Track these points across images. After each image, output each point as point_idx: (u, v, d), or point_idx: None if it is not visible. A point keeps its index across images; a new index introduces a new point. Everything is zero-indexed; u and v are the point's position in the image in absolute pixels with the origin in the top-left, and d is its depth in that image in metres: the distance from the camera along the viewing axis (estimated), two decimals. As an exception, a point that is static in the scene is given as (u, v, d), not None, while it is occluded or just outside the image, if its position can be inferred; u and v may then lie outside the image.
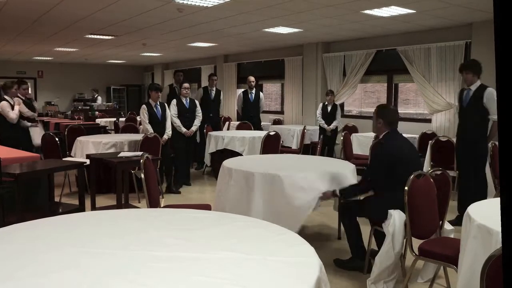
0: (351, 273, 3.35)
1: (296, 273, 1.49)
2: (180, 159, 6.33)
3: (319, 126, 7.77)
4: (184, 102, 6.39)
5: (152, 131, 5.81)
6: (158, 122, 5.96)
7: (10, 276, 1.42)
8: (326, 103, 7.79)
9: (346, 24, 6.96)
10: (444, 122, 7.22)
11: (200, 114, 6.55)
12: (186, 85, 6.42)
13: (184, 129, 6.27)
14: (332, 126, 7.63)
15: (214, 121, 7.94)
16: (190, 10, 6.02)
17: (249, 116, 8.03)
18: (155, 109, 5.98)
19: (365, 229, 4.46)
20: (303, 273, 1.48)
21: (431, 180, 2.84)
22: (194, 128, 6.40)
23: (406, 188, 2.69)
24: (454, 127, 7.05)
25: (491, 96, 4.34)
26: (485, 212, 2.22)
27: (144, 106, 5.99)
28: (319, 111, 7.83)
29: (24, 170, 3.52)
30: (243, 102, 8.02)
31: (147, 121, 5.90)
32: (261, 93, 8.21)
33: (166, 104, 6.22)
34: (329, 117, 7.68)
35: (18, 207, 3.32)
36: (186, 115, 6.34)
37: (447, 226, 2.71)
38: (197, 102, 6.65)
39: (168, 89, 7.65)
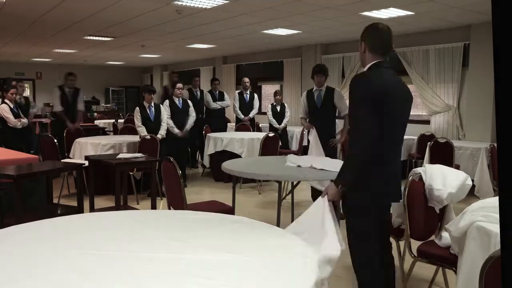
0: (350, 274, 3.35)
1: (295, 274, 1.49)
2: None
3: (270, 124, 7.97)
4: (177, 102, 6.41)
5: (146, 133, 5.84)
6: (151, 123, 6.01)
7: (8, 278, 1.42)
8: (275, 103, 7.97)
9: (345, 26, 6.97)
10: (443, 124, 7.23)
11: (194, 114, 6.58)
12: (179, 85, 6.47)
13: (176, 130, 6.29)
14: (283, 125, 7.87)
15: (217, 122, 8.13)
16: (188, 11, 6.02)
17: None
18: (148, 111, 6.03)
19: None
20: (302, 275, 1.48)
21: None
22: (188, 127, 6.44)
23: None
24: (453, 129, 7.08)
25: (340, 95, 5.11)
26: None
27: (137, 108, 6.06)
28: (269, 112, 8.01)
29: (23, 172, 3.51)
30: (239, 103, 8.12)
31: (140, 123, 5.97)
32: (255, 94, 8.32)
33: (161, 105, 6.25)
34: (279, 116, 7.88)
35: (16, 208, 3.31)
36: (179, 115, 6.38)
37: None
38: (190, 102, 6.67)
39: (162, 91, 7.76)
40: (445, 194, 2.63)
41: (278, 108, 7.93)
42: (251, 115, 8.16)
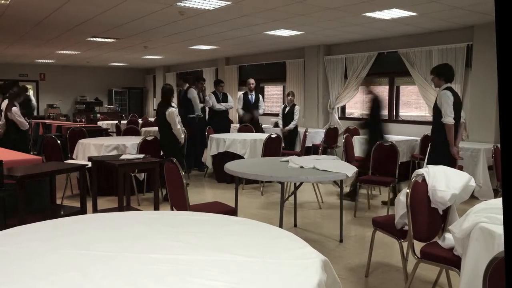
0: (352, 276, 3.34)
1: (297, 276, 1.49)
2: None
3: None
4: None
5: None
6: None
7: (11, 279, 1.42)
8: (286, 104, 8.00)
9: (348, 26, 6.96)
10: (446, 125, 7.21)
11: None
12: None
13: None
14: (289, 127, 7.87)
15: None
16: (191, 13, 6.04)
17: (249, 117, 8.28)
18: None
19: (362, 230, 4.46)
20: (304, 275, 1.48)
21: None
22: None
23: (408, 190, 2.69)
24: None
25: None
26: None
27: (175, 110, 5.75)
28: (280, 113, 8.07)
29: (26, 173, 3.52)
30: (243, 104, 8.16)
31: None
32: (260, 95, 8.39)
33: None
34: (287, 117, 7.91)
35: (19, 209, 3.32)
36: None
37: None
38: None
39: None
40: (449, 195, 2.63)
41: (287, 109, 7.96)
42: (260, 111, 8.22)
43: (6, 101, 6.38)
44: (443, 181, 2.67)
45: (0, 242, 1.80)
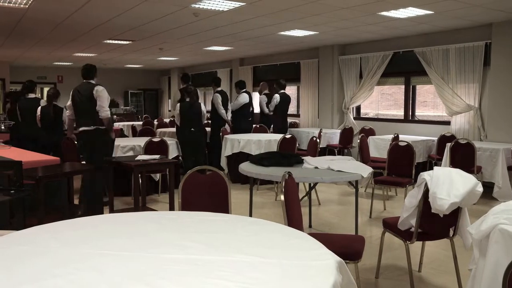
0: (363, 277, 3.31)
1: (312, 276, 1.48)
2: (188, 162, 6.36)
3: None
4: None
5: None
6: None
7: (29, 278, 1.45)
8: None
9: (362, 26, 6.91)
10: (464, 124, 7.10)
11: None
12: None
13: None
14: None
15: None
16: (206, 14, 6.07)
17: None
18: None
19: (378, 231, 4.41)
20: (319, 276, 1.47)
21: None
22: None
23: (419, 195, 2.67)
24: (474, 130, 6.94)
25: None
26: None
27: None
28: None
29: (45, 174, 3.58)
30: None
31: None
32: (261, 97, 8.57)
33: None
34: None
35: (39, 209, 3.39)
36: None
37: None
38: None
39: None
40: (447, 204, 2.59)
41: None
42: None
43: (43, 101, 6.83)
44: (445, 188, 2.62)
45: (19, 241, 1.84)
